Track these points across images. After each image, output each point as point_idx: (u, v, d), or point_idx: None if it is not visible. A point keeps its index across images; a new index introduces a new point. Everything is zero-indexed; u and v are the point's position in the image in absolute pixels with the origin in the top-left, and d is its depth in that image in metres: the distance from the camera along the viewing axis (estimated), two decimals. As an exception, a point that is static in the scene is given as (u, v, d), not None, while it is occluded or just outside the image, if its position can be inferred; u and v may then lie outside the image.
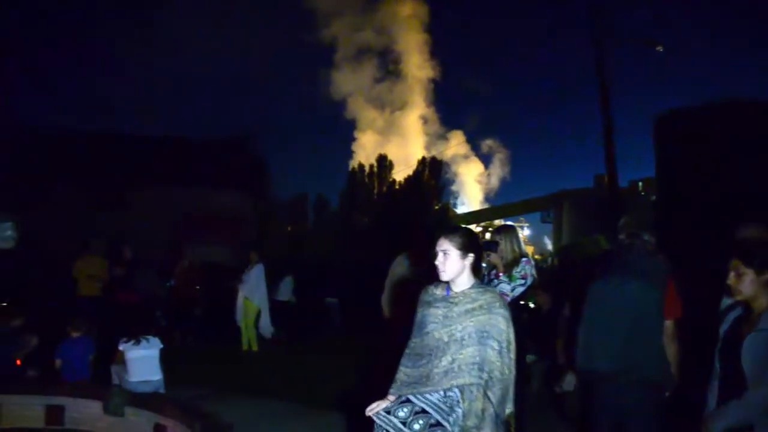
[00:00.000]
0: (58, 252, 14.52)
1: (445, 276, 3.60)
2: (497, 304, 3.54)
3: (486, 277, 5.50)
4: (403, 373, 3.65)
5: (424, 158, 50.74)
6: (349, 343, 12.41)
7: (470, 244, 3.63)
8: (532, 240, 60.35)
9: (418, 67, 61.13)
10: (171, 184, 24.73)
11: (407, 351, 3.70)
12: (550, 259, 34.72)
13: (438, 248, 3.62)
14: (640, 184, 46.00)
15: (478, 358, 3.43)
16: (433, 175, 49.48)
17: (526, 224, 61.44)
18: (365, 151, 57.25)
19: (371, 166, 50.24)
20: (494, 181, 65.01)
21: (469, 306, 3.53)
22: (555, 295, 8.93)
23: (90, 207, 21.34)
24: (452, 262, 3.59)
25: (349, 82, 59.95)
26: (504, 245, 5.56)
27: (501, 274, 5.50)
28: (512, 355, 3.50)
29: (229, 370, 10.41)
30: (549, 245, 55.74)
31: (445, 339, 3.51)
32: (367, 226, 41.43)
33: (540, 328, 8.49)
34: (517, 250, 5.58)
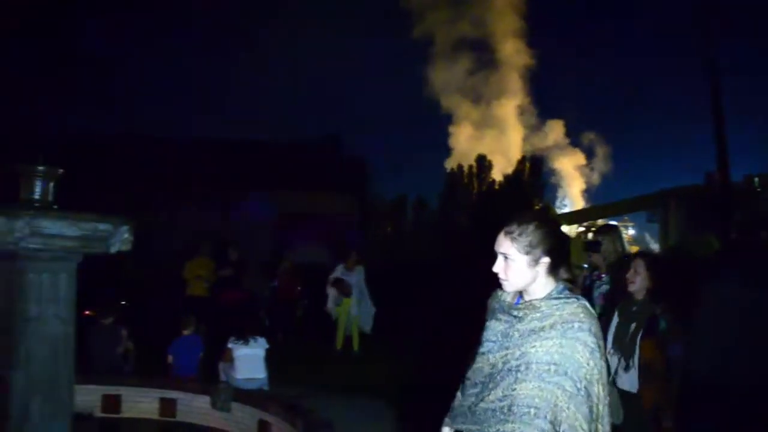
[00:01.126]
0: (169, 253, 15.23)
1: (508, 287, 2.61)
2: (578, 324, 2.43)
3: (588, 278, 5.36)
4: (457, 399, 2.79)
5: (524, 157, 49.91)
6: (447, 344, 12.36)
7: (544, 243, 2.55)
8: (638, 241, 58.27)
9: (514, 55, 59.97)
10: (272, 186, 25.45)
11: (468, 372, 2.75)
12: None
13: (497, 249, 2.62)
14: (756, 179, 43.30)
15: (537, 400, 2.38)
16: (534, 172, 48.59)
17: (631, 224, 59.29)
18: (461, 146, 57.02)
19: (470, 166, 49.91)
20: (595, 178, 63.19)
21: (536, 324, 2.48)
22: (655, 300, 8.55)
23: (198, 210, 22.28)
24: (516, 270, 2.57)
25: (445, 76, 59.50)
26: (606, 245, 5.41)
27: (603, 275, 5.36)
28: (596, 401, 2.41)
29: (329, 369, 10.62)
30: (654, 245, 53.57)
31: (499, 366, 2.53)
32: (466, 227, 41.19)
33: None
34: (620, 250, 5.43)
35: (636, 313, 4.52)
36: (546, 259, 2.55)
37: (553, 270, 2.58)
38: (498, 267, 2.60)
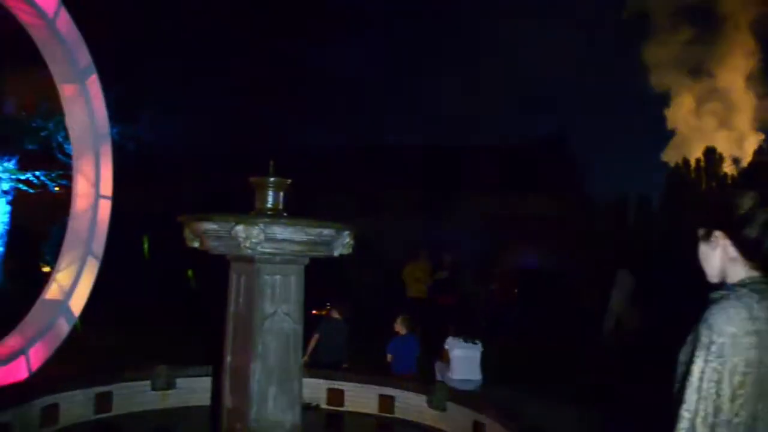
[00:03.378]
0: (387, 256, 15.90)
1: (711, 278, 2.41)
2: None
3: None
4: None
5: (761, 147, 44.63)
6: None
7: (716, 221, 2.36)
8: None
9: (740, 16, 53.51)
10: (488, 189, 25.52)
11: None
12: None
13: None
14: None
15: None
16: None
17: None
18: (685, 133, 52.34)
19: (697, 160, 45.77)
20: None
21: None
22: None
23: (414, 214, 23.02)
24: (704, 256, 2.43)
25: (663, 53, 54.82)
26: None
27: None
28: None
29: (543, 372, 10.42)
30: None
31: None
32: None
33: None
34: None
35: None
36: (725, 242, 2.36)
37: (745, 255, 2.35)
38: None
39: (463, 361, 7.88)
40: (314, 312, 8.94)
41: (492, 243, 18.78)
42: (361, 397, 6.83)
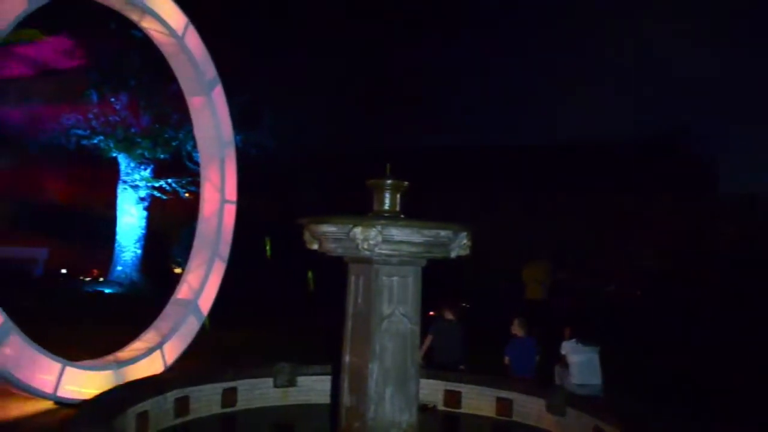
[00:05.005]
0: (507, 257, 15.71)
1: None
2: None
3: None
4: None
5: None
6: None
7: None
8: None
9: None
10: (603, 189, 24.68)
11: None
12: None
13: None
14: None
15: None
16: None
17: None
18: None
19: None
20: None
21: None
22: None
23: (529, 215, 22.62)
24: None
25: None
26: None
27: None
28: None
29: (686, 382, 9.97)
30: None
31: None
32: None
33: None
34: None
35: None
36: None
37: None
38: None
39: (582, 364, 7.67)
40: (431, 313, 8.95)
41: (610, 243, 18.15)
42: (479, 400, 6.79)
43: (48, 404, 7.22)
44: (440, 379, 6.97)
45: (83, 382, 7.36)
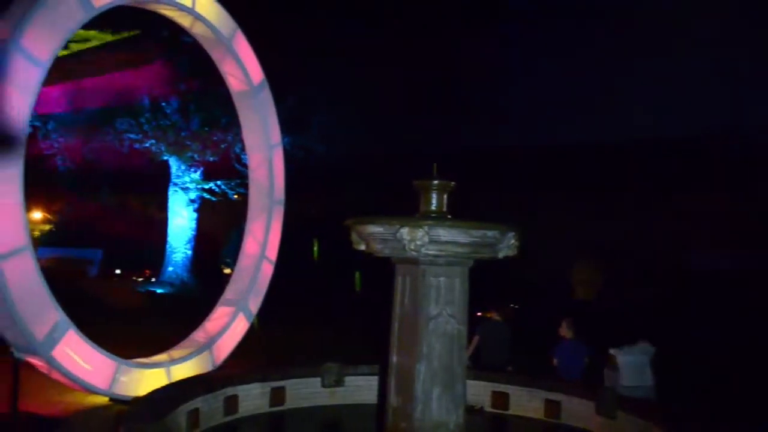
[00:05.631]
0: (556, 258, 15.53)
1: None
2: None
3: None
4: None
5: None
6: None
7: None
8: None
9: None
10: (654, 188, 24.16)
11: None
12: None
13: None
14: None
15: None
16: None
17: None
18: None
19: None
20: None
21: None
22: None
23: (582, 215, 22.29)
24: None
25: None
26: None
27: None
28: None
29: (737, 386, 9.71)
30: None
31: None
32: None
33: None
34: None
35: None
36: None
37: None
38: None
39: (632, 366, 7.52)
40: (478, 314, 8.91)
41: (659, 243, 17.77)
42: (526, 401, 6.73)
43: (103, 400, 7.42)
44: (487, 380, 6.93)
45: (136, 380, 7.54)
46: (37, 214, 28.92)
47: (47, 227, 29.90)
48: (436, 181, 5.14)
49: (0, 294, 6.32)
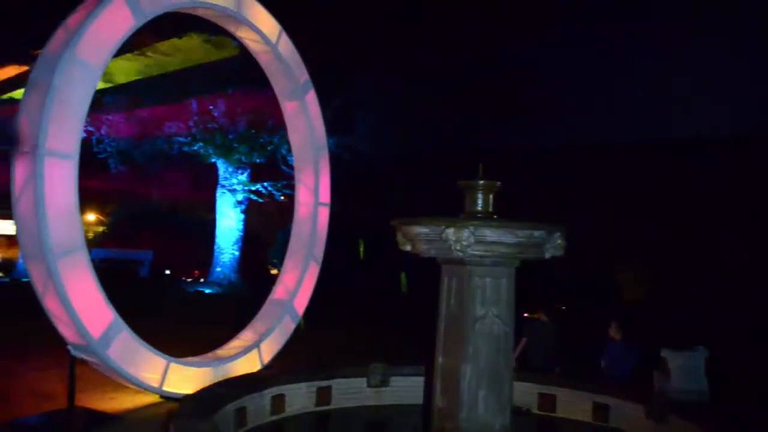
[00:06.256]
0: (605, 259, 15.27)
1: None
2: None
3: None
4: None
5: None
6: None
7: None
8: None
9: None
10: (704, 188, 23.50)
11: None
12: None
13: None
14: None
15: None
16: None
17: None
18: None
19: None
20: None
21: None
22: None
23: (630, 215, 21.87)
24: None
25: None
26: None
27: None
28: None
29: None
30: None
31: None
32: None
33: None
34: None
35: None
36: None
37: None
38: None
39: (684, 369, 7.37)
40: (525, 315, 8.82)
41: (709, 243, 17.28)
42: (574, 404, 6.64)
43: (154, 397, 7.58)
44: (534, 382, 6.86)
45: (185, 378, 7.68)
46: (91, 216, 29.75)
47: (100, 229, 30.74)
48: (481, 181, 5.12)
49: (58, 294, 6.52)
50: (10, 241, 25.89)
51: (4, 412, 7.22)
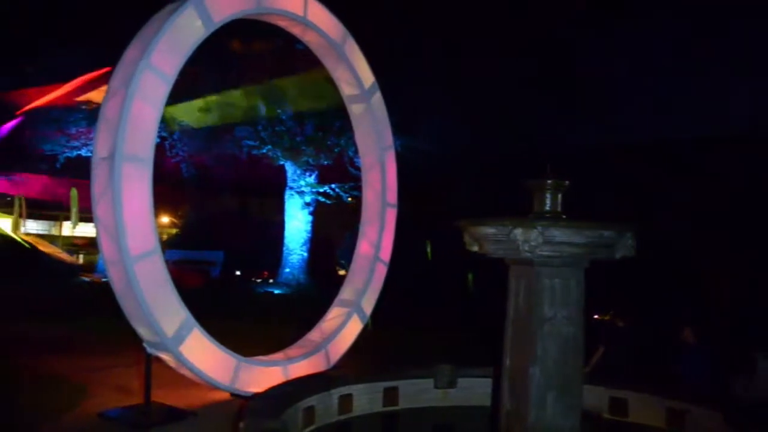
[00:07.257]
0: (676, 258, 14.79)
1: None
2: None
3: None
4: None
5: None
6: None
7: None
8: None
9: None
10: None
11: None
12: None
13: None
14: None
15: None
16: None
17: None
18: None
19: None
20: None
21: None
22: None
23: (704, 213, 21.07)
24: None
25: None
26: None
27: None
28: None
29: None
30: None
31: None
32: None
33: None
34: None
35: None
36: None
37: None
38: None
39: (768, 376, 7.07)
40: (596, 317, 8.64)
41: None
42: (647, 409, 6.44)
43: (225, 395, 7.76)
44: (605, 386, 6.69)
45: (255, 377, 7.83)
46: (165, 219, 30.72)
47: (174, 231, 31.70)
48: (549, 181, 5.04)
49: (133, 294, 6.76)
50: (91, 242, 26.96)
51: (92, 404, 7.66)
